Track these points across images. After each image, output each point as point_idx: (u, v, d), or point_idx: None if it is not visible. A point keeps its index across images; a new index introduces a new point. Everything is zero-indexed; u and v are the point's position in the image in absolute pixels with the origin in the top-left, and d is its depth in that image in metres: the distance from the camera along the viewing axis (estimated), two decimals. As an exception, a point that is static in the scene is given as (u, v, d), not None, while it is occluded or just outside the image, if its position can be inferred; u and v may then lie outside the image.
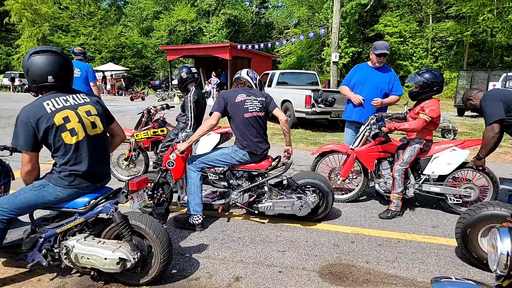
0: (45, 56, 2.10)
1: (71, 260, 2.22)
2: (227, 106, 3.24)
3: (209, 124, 3.17)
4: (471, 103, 3.43)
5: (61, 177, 2.17)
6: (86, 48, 30.46)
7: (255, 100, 3.29)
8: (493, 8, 20.10)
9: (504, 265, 1.42)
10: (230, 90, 3.37)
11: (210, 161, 3.30)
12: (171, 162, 3.31)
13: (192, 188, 3.27)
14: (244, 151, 3.24)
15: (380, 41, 4.28)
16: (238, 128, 3.26)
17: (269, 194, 3.32)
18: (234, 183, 3.41)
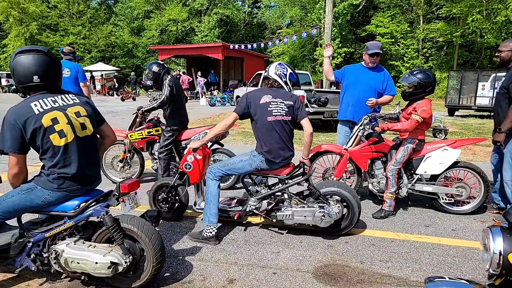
0: (30, 55, 2.05)
1: (60, 265, 2.17)
2: (250, 108, 3.01)
3: (224, 124, 3.01)
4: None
5: (50, 180, 2.12)
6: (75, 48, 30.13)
7: (281, 103, 3.02)
8: (482, 9, 20.40)
9: (496, 264, 1.42)
10: (255, 90, 3.13)
11: (229, 170, 3.11)
12: (189, 165, 3.18)
13: (208, 197, 3.08)
14: (262, 157, 3.03)
15: (372, 41, 4.30)
16: (260, 132, 3.03)
17: (289, 202, 3.12)
18: (252, 189, 3.24)
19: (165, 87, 4.17)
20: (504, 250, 1.41)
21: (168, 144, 4.29)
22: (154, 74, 4.24)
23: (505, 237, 1.44)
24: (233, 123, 3.03)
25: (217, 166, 3.13)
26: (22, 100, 2.11)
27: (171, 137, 4.31)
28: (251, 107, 3.01)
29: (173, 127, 4.31)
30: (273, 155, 3.00)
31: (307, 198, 3.14)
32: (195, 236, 3.11)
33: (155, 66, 4.27)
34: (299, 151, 3.20)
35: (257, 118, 3.01)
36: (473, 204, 3.76)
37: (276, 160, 3.02)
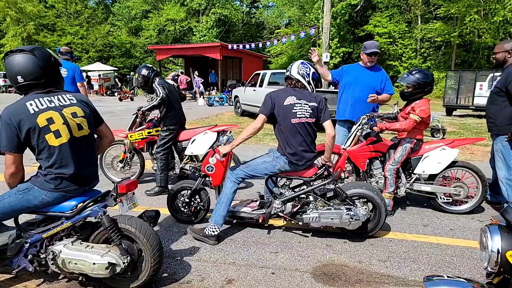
0: (14, 56, 2.04)
1: (58, 266, 2.16)
2: (274, 109, 2.93)
3: (254, 127, 2.90)
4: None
5: (47, 180, 2.10)
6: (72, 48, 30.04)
7: (305, 104, 2.95)
8: (480, 9, 20.46)
9: (494, 262, 1.43)
10: (279, 91, 3.05)
11: (251, 171, 3.06)
12: (211, 167, 3.13)
13: (222, 198, 3.04)
14: (286, 159, 2.97)
15: (370, 41, 4.31)
16: (283, 133, 2.97)
17: (314, 204, 3.05)
18: (276, 191, 3.17)
19: (158, 88, 4.18)
20: (502, 248, 1.41)
21: (165, 144, 4.28)
22: (144, 78, 4.24)
23: (503, 236, 1.45)
24: (262, 126, 2.94)
25: (240, 168, 3.08)
26: (18, 99, 2.10)
27: (168, 136, 4.30)
28: (275, 108, 2.94)
29: (169, 127, 4.30)
30: (297, 157, 2.94)
31: (333, 200, 3.08)
32: (196, 232, 3.09)
33: (144, 69, 4.27)
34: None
35: (280, 120, 2.94)
36: (471, 203, 3.77)
37: (300, 162, 2.96)
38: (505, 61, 3.56)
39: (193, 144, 4.36)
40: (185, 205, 3.39)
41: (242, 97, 12.52)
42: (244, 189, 4.58)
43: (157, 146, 4.29)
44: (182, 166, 4.49)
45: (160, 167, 4.26)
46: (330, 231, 3.27)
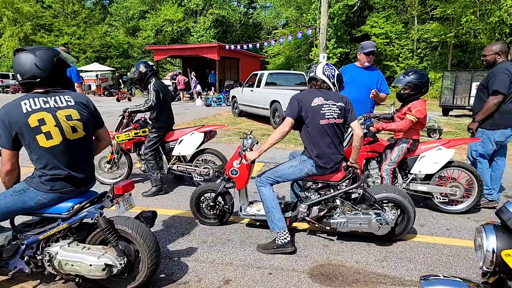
0: (17, 55, 2.10)
1: (54, 267, 2.16)
2: (301, 111, 2.85)
3: (282, 131, 2.81)
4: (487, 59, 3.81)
5: (42, 181, 2.10)
6: (70, 48, 29.93)
7: (333, 105, 2.88)
8: (476, 10, 20.56)
9: (490, 262, 1.44)
10: (305, 92, 2.96)
11: (278, 176, 2.98)
12: (235, 170, 3.09)
13: (268, 204, 2.94)
14: (313, 162, 2.89)
15: (367, 41, 4.34)
16: (311, 135, 2.88)
17: (341, 209, 2.98)
18: (302, 194, 3.11)
19: (151, 93, 4.15)
20: (498, 248, 1.42)
21: (153, 145, 4.28)
22: (140, 74, 4.23)
23: (498, 235, 1.46)
24: (290, 129, 2.85)
25: (267, 174, 3.01)
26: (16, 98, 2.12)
27: (156, 138, 4.30)
28: (302, 110, 2.85)
29: (158, 129, 4.32)
30: (324, 160, 2.87)
31: (360, 204, 3.01)
32: (268, 248, 2.92)
33: (143, 66, 4.26)
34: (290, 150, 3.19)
35: (308, 122, 2.86)
36: (467, 203, 3.79)
37: (328, 165, 2.89)
38: (495, 62, 3.73)
39: (180, 144, 4.36)
40: (209, 208, 3.35)
41: (239, 98, 12.53)
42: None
43: (145, 147, 4.29)
44: (170, 166, 4.49)
45: (151, 168, 4.26)
46: (328, 232, 3.28)
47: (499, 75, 3.61)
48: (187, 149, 4.37)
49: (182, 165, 4.49)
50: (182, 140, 4.38)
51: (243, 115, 12.83)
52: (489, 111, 3.70)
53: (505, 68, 3.62)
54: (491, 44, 3.87)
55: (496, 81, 3.61)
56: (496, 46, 3.77)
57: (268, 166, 5.77)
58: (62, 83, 2.21)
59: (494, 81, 3.64)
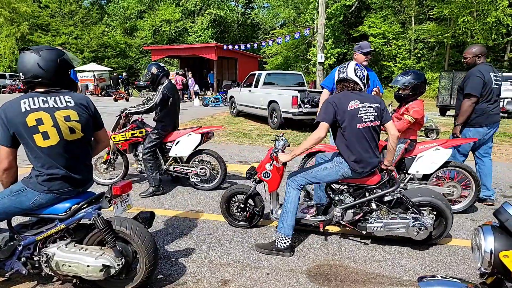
0: (22, 53, 2.12)
1: (52, 268, 2.15)
2: (337, 115, 2.74)
3: (317, 137, 2.69)
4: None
5: (39, 182, 2.09)
6: (67, 48, 29.84)
7: (369, 107, 2.79)
8: (473, 10, 20.64)
9: (488, 262, 1.44)
10: (339, 95, 2.84)
11: (313, 177, 2.90)
12: (267, 173, 3.05)
13: (288, 207, 2.88)
14: (349, 165, 2.82)
15: (363, 41, 4.36)
16: (347, 140, 2.78)
17: (377, 213, 2.91)
18: (336, 198, 3.04)
19: (158, 94, 4.16)
20: (496, 249, 1.43)
21: (153, 146, 4.28)
22: (152, 76, 4.25)
23: (496, 236, 1.46)
24: (326, 134, 2.74)
25: (301, 175, 2.93)
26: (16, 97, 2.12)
27: (158, 139, 4.30)
28: (338, 113, 2.74)
29: (161, 131, 4.31)
30: (362, 164, 2.79)
31: (395, 208, 2.94)
32: (266, 248, 2.91)
33: (155, 67, 4.27)
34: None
35: (345, 126, 2.75)
36: (464, 203, 3.80)
37: (365, 170, 2.81)
38: (475, 64, 3.84)
39: (177, 145, 4.36)
40: (240, 210, 3.32)
41: (237, 98, 12.52)
42: (239, 190, 4.57)
43: (145, 148, 4.27)
44: (167, 167, 4.48)
45: (150, 168, 4.25)
46: (327, 232, 3.28)
47: (472, 78, 3.75)
48: (184, 150, 4.36)
49: (179, 166, 4.49)
50: (179, 141, 4.37)
51: (241, 115, 12.83)
52: (466, 114, 3.83)
53: (478, 70, 3.76)
54: (471, 46, 3.98)
55: (469, 84, 3.75)
56: (476, 48, 3.88)
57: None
58: (64, 84, 2.21)
59: (467, 84, 3.77)
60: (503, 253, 1.39)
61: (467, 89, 3.76)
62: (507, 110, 12.76)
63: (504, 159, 6.58)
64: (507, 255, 1.37)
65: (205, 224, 3.48)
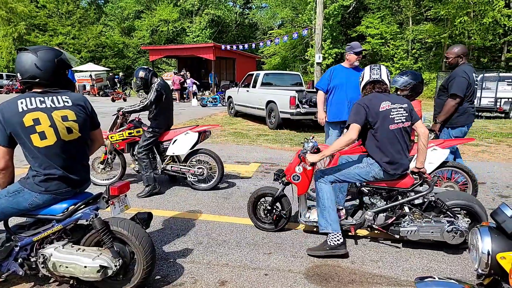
0: (19, 54, 2.12)
1: (48, 269, 2.14)
2: (369, 116, 2.72)
3: (348, 138, 2.68)
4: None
5: (36, 182, 2.08)
6: (64, 48, 29.73)
7: (400, 108, 2.77)
8: (470, 11, 20.72)
9: (485, 264, 1.44)
10: (369, 97, 2.81)
11: (342, 175, 2.87)
12: (297, 176, 2.99)
13: (326, 203, 2.83)
14: (381, 167, 2.79)
15: (354, 42, 4.40)
16: (379, 141, 2.75)
17: (411, 217, 2.85)
18: (367, 201, 2.99)
19: (152, 91, 4.18)
20: (493, 250, 1.43)
21: (147, 145, 4.27)
22: (142, 80, 4.25)
23: (493, 237, 1.46)
24: (357, 136, 2.72)
25: (329, 173, 2.91)
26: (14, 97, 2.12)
27: (152, 138, 4.30)
28: (370, 115, 2.72)
29: (155, 129, 4.31)
30: (394, 166, 2.76)
31: (429, 212, 2.88)
32: (320, 250, 2.83)
33: (141, 71, 4.28)
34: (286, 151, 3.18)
35: (377, 127, 2.73)
36: (461, 203, 3.81)
37: (397, 171, 2.78)
38: (457, 64, 3.94)
39: (174, 144, 4.35)
40: (266, 212, 3.27)
41: (235, 98, 12.52)
42: (226, 189, 4.57)
43: (139, 146, 4.27)
44: (164, 166, 4.48)
45: (144, 167, 4.25)
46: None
47: (457, 78, 3.79)
48: (181, 149, 4.35)
49: (176, 165, 4.48)
50: (176, 140, 4.37)
51: (239, 116, 12.82)
52: (448, 113, 3.88)
53: (463, 71, 3.80)
54: (453, 46, 4.04)
55: (454, 85, 3.79)
56: (458, 49, 3.93)
57: (264, 166, 5.78)
58: (62, 84, 2.20)
59: (453, 84, 3.81)
60: (500, 254, 1.39)
61: (453, 90, 3.80)
62: (504, 110, 12.80)
63: (501, 159, 6.60)
64: (504, 256, 1.38)
65: (203, 224, 3.48)
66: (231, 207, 3.96)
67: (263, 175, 5.28)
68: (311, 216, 3.13)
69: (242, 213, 3.79)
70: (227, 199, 4.24)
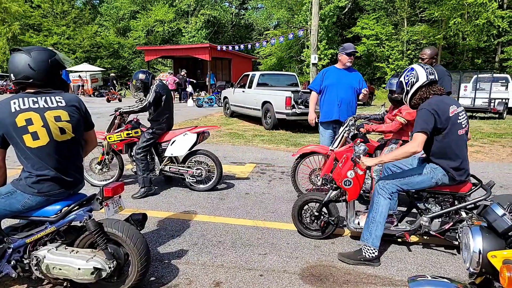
0: (13, 54, 2.11)
1: (42, 271, 2.12)
2: (438, 123, 2.54)
3: (413, 151, 2.52)
4: None
5: (29, 184, 2.07)
6: (59, 48, 29.52)
7: (463, 111, 2.66)
8: (464, 12, 20.88)
9: (476, 263, 1.46)
10: (435, 101, 2.59)
11: (405, 184, 2.74)
12: (349, 181, 2.87)
13: (378, 218, 2.73)
14: (446, 173, 2.67)
15: (347, 43, 4.43)
16: (447, 148, 2.61)
17: (469, 222, 2.69)
18: (422, 206, 2.89)
19: (151, 93, 4.16)
20: (484, 249, 1.45)
21: (146, 146, 4.26)
22: (142, 83, 4.24)
23: (484, 236, 1.48)
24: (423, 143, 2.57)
25: (392, 181, 2.77)
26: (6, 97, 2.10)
27: (152, 139, 4.29)
28: (439, 122, 2.54)
29: (156, 131, 4.29)
30: (461, 172, 2.66)
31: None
32: (352, 258, 2.78)
33: (141, 74, 4.27)
34: (282, 151, 3.19)
35: (446, 133, 2.58)
36: (455, 203, 3.83)
37: (463, 177, 2.69)
38: (432, 65, 3.98)
39: (173, 145, 4.34)
40: (313, 219, 3.16)
41: (231, 98, 12.51)
42: (221, 189, 4.57)
43: (138, 147, 4.25)
44: (162, 167, 4.46)
45: (142, 168, 4.23)
46: (318, 232, 3.28)
47: (447, 77, 4.00)
48: (179, 150, 4.34)
49: (175, 166, 4.47)
50: (174, 141, 4.35)
51: (234, 116, 12.82)
52: None
53: (445, 70, 4.03)
54: (426, 48, 4.18)
55: (446, 83, 3.94)
56: (432, 51, 4.09)
57: (260, 166, 5.78)
58: (56, 84, 2.19)
59: (443, 82, 3.90)
60: (491, 253, 1.41)
61: (448, 87, 3.93)
62: (498, 110, 12.91)
63: (494, 159, 6.66)
64: (495, 255, 1.39)
65: (198, 225, 3.47)
66: (226, 208, 3.96)
67: (259, 176, 5.28)
68: (361, 223, 3.02)
69: (237, 213, 3.79)
70: (223, 199, 4.24)
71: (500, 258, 1.37)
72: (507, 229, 1.48)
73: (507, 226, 1.48)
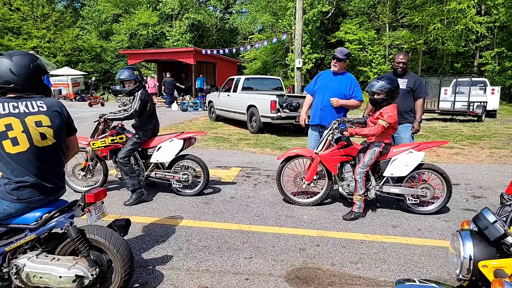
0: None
1: (22, 280, 2.06)
2: None
3: None
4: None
5: (8, 190, 2.01)
6: (39, 52, 28.83)
7: None
8: (443, 18, 21.52)
9: (466, 269, 1.41)
10: None
11: None
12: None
13: None
14: None
15: (340, 47, 4.47)
16: None
17: None
18: None
19: (136, 101, 4.08)
20: (475, 257, 1.40)
21: (131, 150, 4.20)
22: (136, 77, 4.11)
23: (475, 243, 1.44)
24: None
25: None
26: None
27: (137, 144, 4.24)
28: None
29: (142, 136, 4.24)
30: None
31: None
32: None
33: (136, 71, 4.19)
34: (267, 155, 3.19)
35: None
36: (437, 204, 3.93)
37: None
38: (406, 70, 4.47)
39: (159, 151, 4.29)
40: None
41: (216, 102, 12.49)
42: (207, 194, 4.55)
43: (123, 152, 4.17)
44: (148, 173, 4.41)
45: (127, 171, 4.15)
46: (304, 236, 3.31)
47: (422, 83, 4.48)
48: (165, 156, 4.30)
49: (161, 172, 4.41)
50: (160, 147, 4.30)
51: (219, 120, 12.79)
52: (422, 111, 4.54)
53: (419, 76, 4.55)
54: (401, 54, 4.49)
55: (423, 88, 4.47)
56: (407, 57, 4.49)
57: (245, 170, 5.78)
58: (37, 89, 2.14)
59: (422, 87, 4.44)
60: (482, 263, 1.37)
61: (424, 92, 4.50)
62: (476, 113, 13.30)
63: (474, 160, 6.85)
64: (486, 265, 1.36)
65: (183, 230, 3.44)
66: (212, 212, 3.94)
67: (244, 179, 5.28)
68: None
69: (223, 218, 3.78)
70: (208, 204, 4.22)
71: (491, 268, 1.34)
72: (499, 238, 1.42)
73: (499, 235, 1.41)
